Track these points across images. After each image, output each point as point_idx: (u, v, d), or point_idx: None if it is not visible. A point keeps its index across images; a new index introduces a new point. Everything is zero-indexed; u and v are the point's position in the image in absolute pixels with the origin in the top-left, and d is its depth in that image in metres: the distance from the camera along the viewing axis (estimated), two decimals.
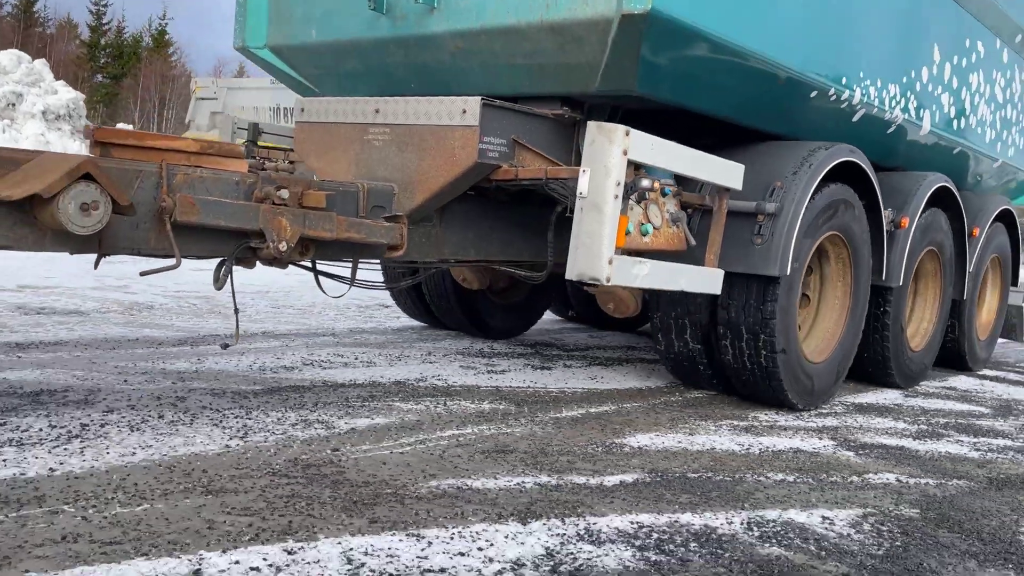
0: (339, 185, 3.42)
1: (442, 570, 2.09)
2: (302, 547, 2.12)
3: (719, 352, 4.28)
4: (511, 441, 3.26)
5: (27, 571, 1.85)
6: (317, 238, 3.20)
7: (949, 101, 5.47)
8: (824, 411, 4.50)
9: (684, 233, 3.67)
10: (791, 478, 3.18)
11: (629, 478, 2.95)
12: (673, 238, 3.61)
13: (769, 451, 3.55)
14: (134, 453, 2.70)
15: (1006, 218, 6.75)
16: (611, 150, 3.06)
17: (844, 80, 4.29)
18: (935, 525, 2.82)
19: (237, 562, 2.00)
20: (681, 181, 3.68)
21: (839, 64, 4.25)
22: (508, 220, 4.27)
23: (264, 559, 2.03)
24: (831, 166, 4.15)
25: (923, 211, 5.20)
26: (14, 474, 2.41)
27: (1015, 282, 7.36)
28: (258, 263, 3.32)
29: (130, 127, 24.38)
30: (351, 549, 2.14)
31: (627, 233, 3.24)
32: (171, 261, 2.89)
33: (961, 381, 6.23)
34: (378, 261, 3.99)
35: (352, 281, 3.76)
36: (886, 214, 4.88)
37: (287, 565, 2.01)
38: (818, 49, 4.12)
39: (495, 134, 3.54)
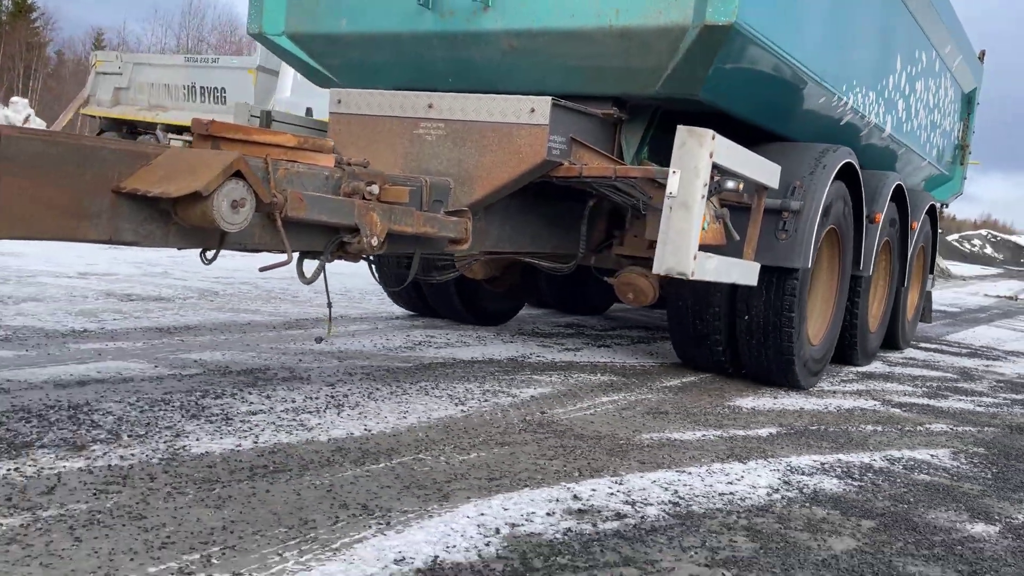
0: (406, 180, 3.44)
1: (731, 492, 2.81)
2: (618, 480, 2.78)
3: (735, 337, 4.60)
4: (654, 405, 3.99)
5: (458, 490, 2.54)
6: (400, 233, 3.23)
7: (902, 107, 6.01)
8: (832, 384, 4.94)
9: (725, 229, 3.93)
10: (879, 428, 4.04)
11: (772, 430, 3.75)
12: (717, 234, 3.86)
13: (842, 410, 4.39)
14: (404, 417, 3.31)
15: (931, 212, 7.47)
16: (701, 153, 3.27)
17: (844, 87, 4.67)
18: (1004, 457, 3.71)
19: (594, 490, 2.67)
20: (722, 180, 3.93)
21: (842, 72, 4.64)
22: (538, 214, 4.40)
23: (593, 490, 2.67)
24: (839, 166, 4.53)
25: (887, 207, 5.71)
26: (350, 433, 3.02)
27: (931, 270, 8.15)
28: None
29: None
30: (653, 482, 2.80)
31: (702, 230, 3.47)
32: (281, 257, 2.87)
33: (906, 356, 6.94)
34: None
35: (412, 273, 3.79)
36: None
37: (614, 493, 2.67)
38: (834, 58, 4.49)
39: (558, 132, 3.65)
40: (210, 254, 2.92)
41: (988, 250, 52.98)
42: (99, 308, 5.00)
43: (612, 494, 2.63)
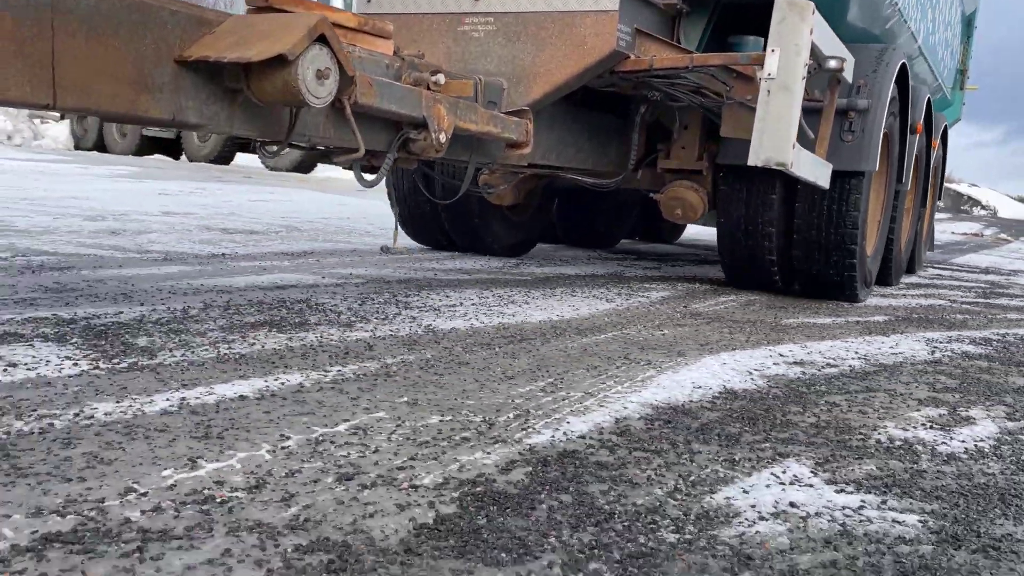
0: (461, 76, 3.18)
1: (899, 353, 3.14)
2: (802, 346, 3.19)
3: (790, 251, 4.45)
4: (766, 302, 4.38)
5: (687, 350, 2.84)
6: (463, 131, 2.94)
7: (931, 17, 6.05)
8: (885, 298, 5.37)
9: (803, 128, 3.55)
10: (968, 317, 4.44)
11: (884, 318, 4.23)
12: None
13: (923, 306, 4.86)
14: (577, 310, 3.63)
15: (944, 134, 7.64)
16: (802, 28, 3.09)
17: None
18: None
19: (791, 351, 3.02)
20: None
21: None
22: (582, 124, 4.17)
23: (790, 351, 2.77)
24: (899, 66, 4.44)
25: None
26: (549, 318, 3.35)
27: (940, 195, 8.52)
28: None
29: None
30: (831, 347, 3.23)
31: None
32: (357, 154, 2.63)
33: (928, 275, 7.41)
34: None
35: (465, 184, 3.61)
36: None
37: (810, 353, 3.03)
38: None
39: (624, 21, 3.36)
40: (273, 147, 2.68)
41: None
42: (213, 239, 5.20)
43: (809, 354, 3.02)
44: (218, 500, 1.32)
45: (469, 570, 1.17)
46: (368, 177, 3.03)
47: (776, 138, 3.15)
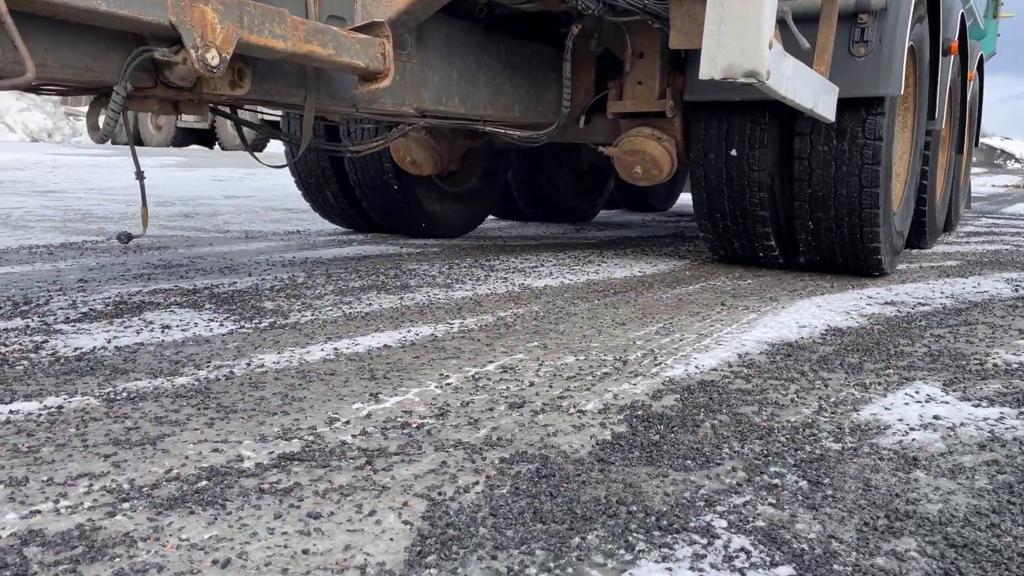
0: None
1: (984, 291, 3.14)
2: (887, 288, 3.18)
3: (790, 215, 3.42)
4: (761, 284, 3.96)
5: (778, 296, 2.52)
6: (262, 47, 1.91)
7: None
8: (950, 242, 5.34)
9: (793, 34, 2.73)
10: None
11: (954, 263, 3.94)
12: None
13: (988, 251, 4.52)
14: (631, 269, 3.52)
15: (981, 66, 6.29)
16: None
17: None
18: None
19: (878, 293, 2.85)
20: None
21: None
22: (499, 60, 3.22)
23: (878, 293, 2.93)
24: None
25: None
26: (610, 275, 3.02)
27: (977, 140, 7.18)
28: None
29: None
30: (916, 288, 3.25)
31: None
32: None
33: (972, 228, 7.31)
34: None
35: (305, 139, 2.51)
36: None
37: (898, 295, 3.02)
38: None
39: None
40: None
41: None
42: (281, 218, 5.34)
43: (896, 295, 3.07)
44: (414, 425, 1.43)
45: (663, 474, 1.27)
46: (103, 128, 1.87)
47: (741, 32, 2.06)
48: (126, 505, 1.09)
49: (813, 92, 2.62)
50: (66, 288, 2.64)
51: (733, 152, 3.32)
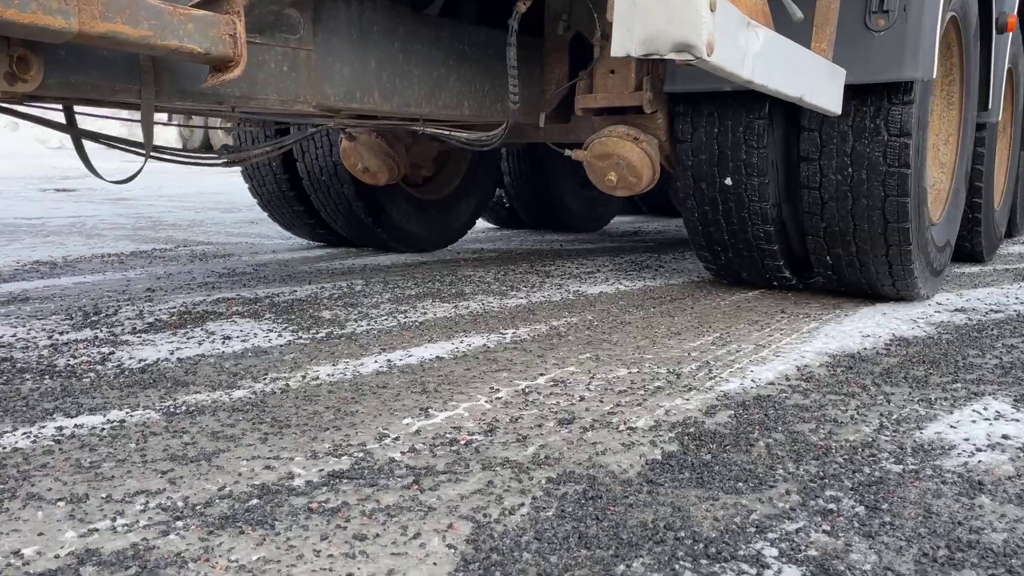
0: None
1: (1015, 305, 2.86)
2: (959, 295, 2.91)
3: (802, 229, 2.81)
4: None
5: (841, 303, 2.33)
6: (30, 27, 1.37)
7: None
8: (1017, 241, 5.13)
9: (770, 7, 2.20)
10: None
11: None
12: (755, 11, 2.06)
13: None
14: (681, 275, 3.18)
15: None
16: None
17: None
18: None
19: (948, 300, 2.67)
20: None
21: None
22: (440, 48, 2.71)
23: (948, 299, 2.73)
24: None
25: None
26: (666, 282, 2.83)
27: None
28: None
29: None
30: (988, 294, 3.05)
31: None
32: None
33: None
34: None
35: (147, 140, 2.02)
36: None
37: (968, 300, 2.74)
38: None
39: None
40: None
41: None
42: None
43: (968, 301, 2.96)
44: (463, 442, 1.44)
45: (713, 497, 1.25)
46: None
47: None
48: (179, 524, 1.12)
49: (802, 76, 2.05)
50: (134, 298, 2.73)
51: (726, 155, 2.80)
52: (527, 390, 1.76)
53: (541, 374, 1.89)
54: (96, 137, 2.20)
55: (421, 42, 2.63)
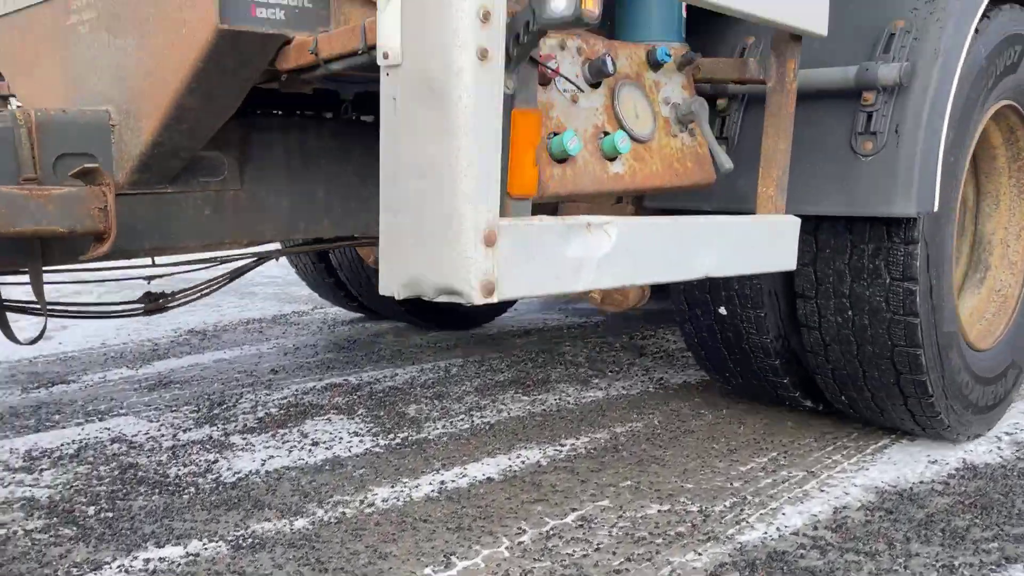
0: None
1: None
2: None
3: (806, 352, 2.49)
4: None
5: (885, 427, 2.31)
6: None
7: None
8: None
9: (707, 149, 2.01)
10: None
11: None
12: (681, 159, 1.94)
13: None
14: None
15: None
16: None
17: None
18: None
19: None
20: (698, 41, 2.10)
21: None
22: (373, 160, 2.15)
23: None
24: None
25: None
26: (688, 379, 2.88)
27: None
28: None
29: None
30: None
31: (551, 152, 1.64)
32: None
33: None
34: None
35: (41, 299, 1.93)
36: None
37: None
38: None
39: None
40: None
41: None
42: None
43: None
44: None
45: None
46: None
47: (417, 229, 1.32)
48: None
49: (699, 255, 1.69)
50: (257, 383, 3.12)
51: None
52: (551, 533, 1.91)
53: (574, 509, 2.03)
54: None
55: (356, 158, 2.35)
